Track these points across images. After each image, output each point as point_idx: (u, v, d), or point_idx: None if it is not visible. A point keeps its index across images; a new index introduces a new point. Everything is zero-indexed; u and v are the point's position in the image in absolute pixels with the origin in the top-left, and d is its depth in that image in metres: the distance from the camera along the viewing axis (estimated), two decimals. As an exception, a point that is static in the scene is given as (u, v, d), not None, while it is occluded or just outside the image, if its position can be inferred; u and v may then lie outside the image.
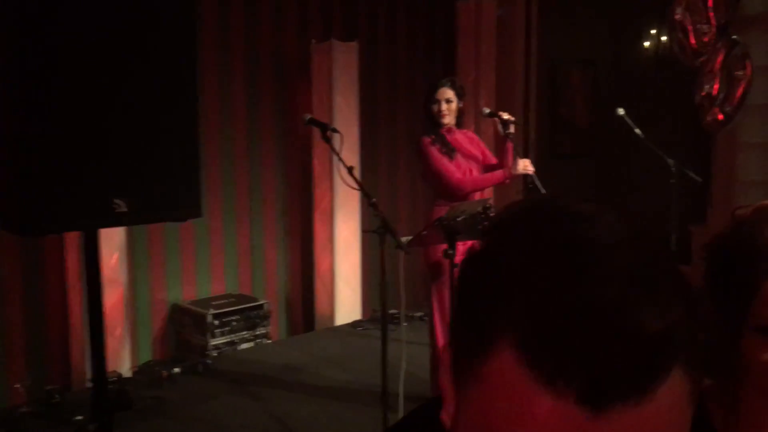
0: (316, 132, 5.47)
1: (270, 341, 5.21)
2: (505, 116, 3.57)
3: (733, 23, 5.63)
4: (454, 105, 3.69)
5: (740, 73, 5.67)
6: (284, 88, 5.56)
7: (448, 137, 3.70)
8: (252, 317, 5.11)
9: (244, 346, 5.06)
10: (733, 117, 5.72)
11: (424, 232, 3.23)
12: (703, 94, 5.50)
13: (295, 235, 5.72)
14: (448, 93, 3.68)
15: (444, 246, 3.48)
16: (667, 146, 7.12)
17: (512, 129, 3.60)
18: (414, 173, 6.21)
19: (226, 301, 5.12)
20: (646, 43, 7.08)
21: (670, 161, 4.08)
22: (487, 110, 3.68)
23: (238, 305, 5.06)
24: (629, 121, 4.10)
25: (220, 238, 5.31)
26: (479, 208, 3.09)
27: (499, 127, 3.62)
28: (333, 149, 2.99)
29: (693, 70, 5.88)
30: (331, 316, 5.59)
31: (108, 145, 2.17)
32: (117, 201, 2.12)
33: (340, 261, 5.57)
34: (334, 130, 2.99)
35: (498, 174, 3.60)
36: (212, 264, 5.29)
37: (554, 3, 6.85)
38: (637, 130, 4.09)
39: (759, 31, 5.82)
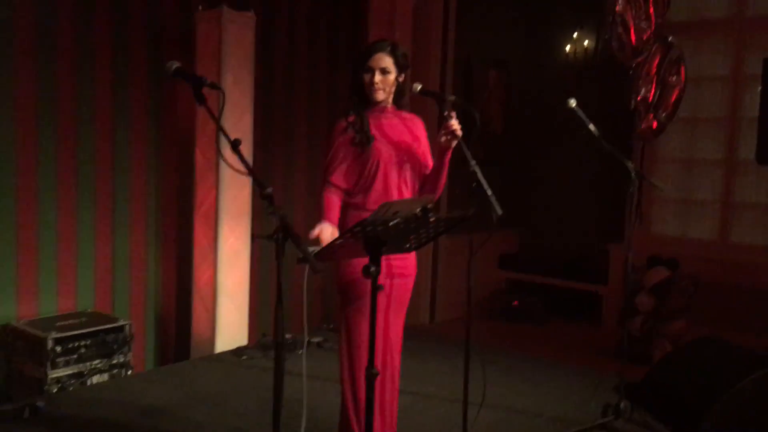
0: (202, 116, 4.66)
1: (131, 373, 4.17)
2: (450, 97, 2.79)
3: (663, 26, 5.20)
4: (391, 77, 2.87)
5: (674, 78, 5.22)
6: (160, 65, 4.55)
7: (374, 121, 2.88)
8: (108, 342, 4.07)
9: (97, 379, 4.01)
10: (666, 125, 5.25)
11: (339, 242, 2.39)
12: (639, 98, 5.00)
13: (170, 241, 4.70)
14: (386, 61, 2.85)
15: (361, 261, 2.67)
16: (582, 156, 6.76)
17: (453, 113, 2.82)
18: (315, 171, 5.35)
19: (76, 321, 4.07)
20: (567, 47, 6.59)
21: (630, 164, 3.45)
22: (419, 86, 2.89)
23: (89, 327, 4.01)
24: (582, 115, 3.45)
25: (71, 242, 4.23)
26: (417, 210, 2.28)
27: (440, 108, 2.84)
28: (210, 112, 2.11)
29: (623, 73, 5.40)
30: (211, 340, 4.61)
31: None
32: None
33: (225, 274, 4.61)
34: (214, 86, 2.11)
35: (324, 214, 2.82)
36: (60, 274, 4.20)
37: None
38: (591, 126, 3.44)
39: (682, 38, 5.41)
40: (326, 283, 4.79)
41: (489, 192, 2.75)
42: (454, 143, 2.80)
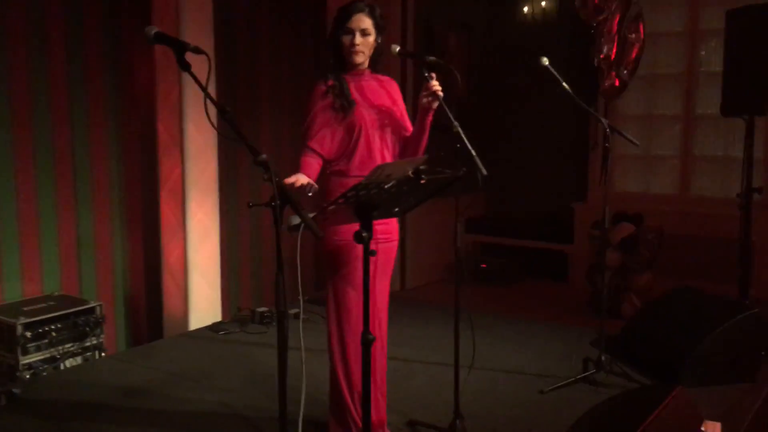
0: (163, 87, 4.49)
1: (105, 355, 4.07)
2: (430, 58, 2.74)
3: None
4: (371, 39, 2.79)
5: (633, 35, 5.27)
6: (116, 30, 4.38)
7: (354, 84, 2.81)
8: (80, 325, 3.94)
9: (70, 363, 3.90)
10: (627, 83, 5.31)
11: (331, 207, 2.34)
12: (602, 56, 5.03)
13: (136, 219, 4.57)
14: (366, 22, 2.76)
15: (346, 228, 2.62)
16: (544, 117, 6.81)
17: (434, 74, 2.77)
18: (279, 143, 5.26)
19: (44, 305, 3.93)
20: (525, 8, 6.58)
21: (604, 121, 3.47)
22: (397, 48, 2.82)
23: (59, 310, 3.88)
24: (554, 72, 3.44)
25: (33, 224, 4.07)
26: (409, 171, 2.25)
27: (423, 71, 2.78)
28: (195, 79, 2.01)
29: (582, 33, 5.43)
30: (185, 318, 4.52)
31: None
32: None
33: (194, 250, 4.52)
34: (198, 50, 2.01)
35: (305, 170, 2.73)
36: (23, 257, 4.05)
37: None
38: (565, 85, 3.44)
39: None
40: (295, 255, 4.72)
41: (473, 153, 2.73)
42: (436, 104, 2.76)
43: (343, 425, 2.86)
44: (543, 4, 6.48)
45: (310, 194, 2.63)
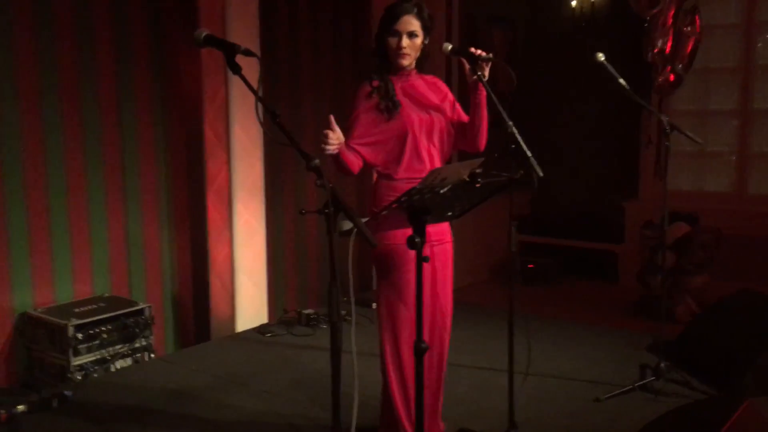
0: (209, 89, 4.48)
1: (154, 356, 4.08)
2: (477, 52, 2.65)
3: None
4: (418, 41, 2.71)
5: (689, 29, 5.09)
6: (162, 33, 4.39)
7: (400, 85, 2.74)
8: (129, 326, 3.97)
9: (120, 364, 3.92)
10: (683, 78, 5.14)
11: (384, 212, 2.28)
12: (656, 50, 4.87)
13: (183, 220, 4.58)
14: (414, 24, 2.69)
15: (398, 233, 2.55)
16: (592, 114, 6.64)
17: (486, 71, 2.69)
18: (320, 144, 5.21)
19: (94, 306, 3.96)
20: (573, 2, 6.42)
21: (665, 118, 3.34)
22: (449, 46, 2.74)
23: (110, 312, 3.91)
24: (610, 68, 3.32)
25: (83, 226, 4.10)
26: (465, 175, 2.18)
27: (467, 69, 2.71)
28: (246, 82, 1.96)
29: (633, 27, 5.27)
30: (231, 320, 4.52)
31: None
32: None
33: (241, 251, 4.51)
34: (249, 53, 1.96)
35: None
36: (74, 259, 4.09)
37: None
38: (622, 81, 3.32)
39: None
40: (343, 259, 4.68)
41: (528, 153, 2.63)
42: (487, 72, 2.66)
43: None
44: (591, -3, 6.31)
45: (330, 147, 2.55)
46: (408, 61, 2.72)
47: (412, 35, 2.68)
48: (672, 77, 4.99)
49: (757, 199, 5.63)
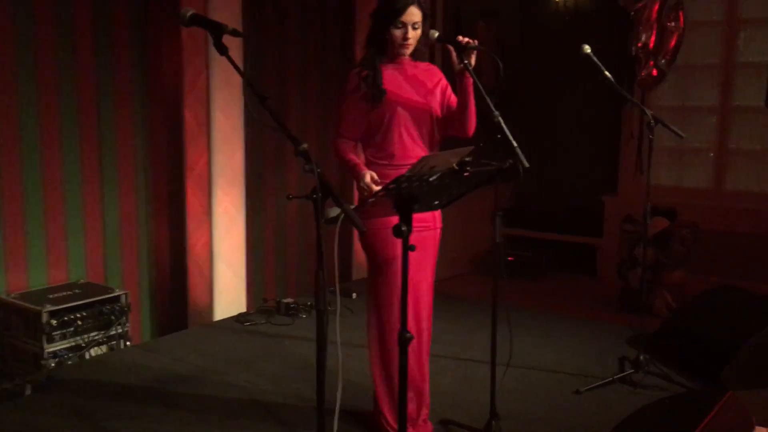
0: (190, 74, 4.39)
1: (130, 344, 4.02)
2: (465, 40, 2.63)
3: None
4: (420, 32, 2.72)
5: (673, 24, 5.11)
6: (144, 20, 4.30)
7: (389, 74, 2.71)
8: (105, 313, 3.90)
9: (95, 352, 3.85)
10: (666, 73, 5.16)
11: (371, 200, 2.24)
12: (640, 45, 4.88)
13: (162, 206, 4.51)
14: (417, 14, 2.67)
15: (386, 220, 2.53)
16: (574, 108, 6.65)
17: (473, 59, 2.67)
18: (306, 129, 5.18)
19: (70, 293, 3.89)
20: (557, -5, 6.42)
21: (649, 112, 3.34)
22: (435, 33, 2.71)
23: (85, 298, 3.83)
24: (596, 61, 3.31)
25: (59, 210, 4.02)
26: (454, 163, 2.15)
27: (454, 57, 2.68)
28: (233, 63, 1.91)
29: (616, 21, 5.28)
30: (209, 308, 4.46)
31: None
32: None
33: (220, 238, 4.45)
34: (236, 33, 1.90)
35: (354, 169, 2.69)
36: (49, 244, 4.00)
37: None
38: (607, 73, 3.31)
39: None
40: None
41: (514, 144, 2.62)
42: (473, 60, 2.65)
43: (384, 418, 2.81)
44: (575, -9, 6.31)
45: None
46: (410, 51, 2.70)
47: (415, 26, 2.67)
48: (655, 72, 5.01)
49: (735, 195, 5.68)
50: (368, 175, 2.60)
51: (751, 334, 3.38)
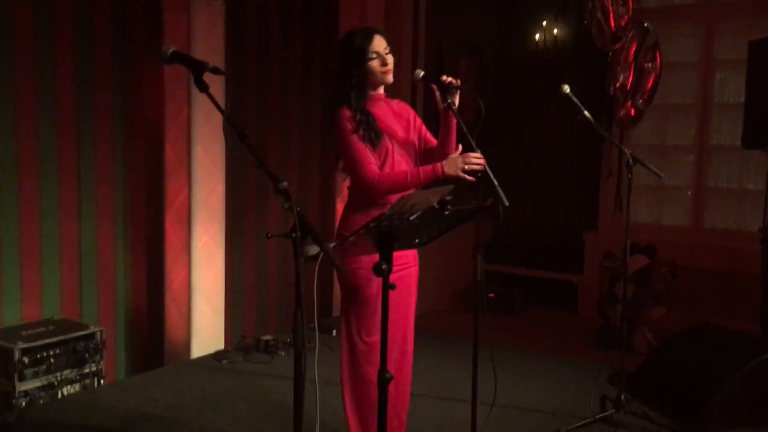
0: (171, 108, 4.38)
1: (104, 383, 3.93)
2: (448, 80, 2.65)
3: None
4: (392, 56, 2.72)
5: (649, 64, 5.21)
6: (126, 55, 4.30)
7: (375, 110, 2.70)
8: (79, 351, 3.81)
9: (68, 390, 3.76)
10: (643, 112, 5.24)
11: (351, 238, 2.23)
12: (618, 85, 4.95)
13: (140, 241, 4.45)
14: (383, 41, 2.68)
15: (365, 258, 2.50)
16: (555, 145, 6.72)
17: (456, 99, 2.69)
18: (288, 163, 5.17)
19: (43, 329, 3.80)
20: (536, 36, 6.52)
21: (627, 151, 3.38)
22: (421, 73, 2.73)
23: (59, 335, 3.74)
24: (575, 100, 3.35)
25: (34, 244, 3.95)
26: (434, 202, 2.14)
27: (437, 96, 2.70)
28: (214, 101, 1.90)
29: (595, 61, 5.36)
30: (186, 345, 4.38)
31: None
32: None
33: (199, 274, 4.40)
34: (217, 71, 1.90)
35: (427, 171, 2.60)
36: (23, 279, 3.92)
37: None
38: (586, 113, 3.35)
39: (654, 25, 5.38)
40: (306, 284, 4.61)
41: (495, 182, 2.62)
42: (457, 99, 2.66)
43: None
44: (555, 31, 6.41)
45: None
46: (391, 80, 2.70)
47: (387, 51, 2.67)
48: (633, 111, 5.09)
49: (713, 233, 5.74)
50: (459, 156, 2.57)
51: (731, 373, 3.37)
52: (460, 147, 2.66)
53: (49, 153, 3.97)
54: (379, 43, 2.65)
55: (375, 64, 2.65)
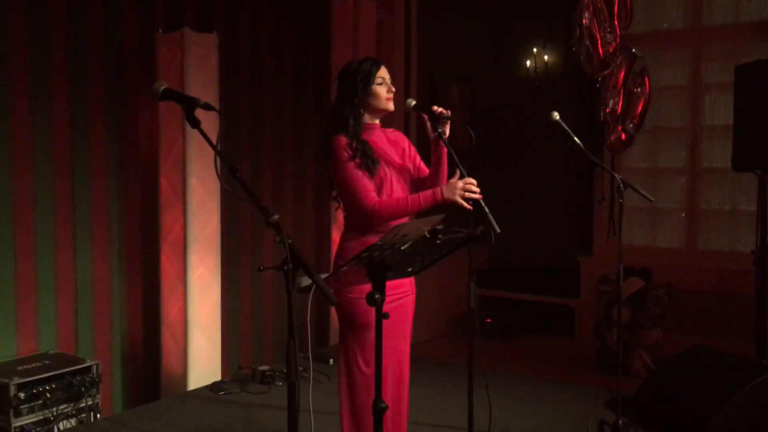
0: (166, 140, 4.42)
1: (100, 417, 3.91)
2: (439, 110, 2.69)
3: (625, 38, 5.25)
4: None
5: (639, 90, 5.27)
6: (121, 89, 4.34)
7: (372, 138, 2.74)
8: (75, 385, 3.79)
9: (64, 425, 3.74)
10: (634, 137, 5.29)
11: (344, 268, 2.24)
12: (608, 110, 5.01)
13: (136, 273, 4.46)
14: (389, 75, 2.78)
15: (362, 288, 2.51)
16: (548, 171, 6.77)
17: (447, 128, 2.72)
18: (281, 194, 5.20)
19: (39, 364, 3.79)
20: (527, 63, 6.60)
21: (618, 176, 3.41)
22: (412, 102, 2.77)
23: (54, 369, 3.73)
24: (565, 127, 3.39)
25: (29, 278, 3.95)
26: (425, 231, 2.16)
27: (428, 125, 2.74)
28: (205, 137, 1.93)
29: (586, 87, 5.43)
30: (183, 377, 4.36)
31: None
32: None
33: (195, 305, 4.39)
34: (208, 107, 1.93)
35: (427, 196, 2.65)
36: (18, 313, 3.92)
37: (433, 13, 6.24)
38: (576, 139, 3.39)
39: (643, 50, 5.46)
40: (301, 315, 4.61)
41: (486, 210, 2.65)
42: (447, 129, 2.70)
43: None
44: (546, 57, 6.50)
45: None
46: (392, 107, 2.75)
47: (391, 82, 2.74)
48: (623, 136, 5.13)
49: (707, 255, 5.77)
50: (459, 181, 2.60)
51: (729, 396, 3.37)
52: (458, 173, 2.69)
53: (44, 185, 3.99)
54: (385, 73, 2.75)
55: (380, 89, 2.70)
